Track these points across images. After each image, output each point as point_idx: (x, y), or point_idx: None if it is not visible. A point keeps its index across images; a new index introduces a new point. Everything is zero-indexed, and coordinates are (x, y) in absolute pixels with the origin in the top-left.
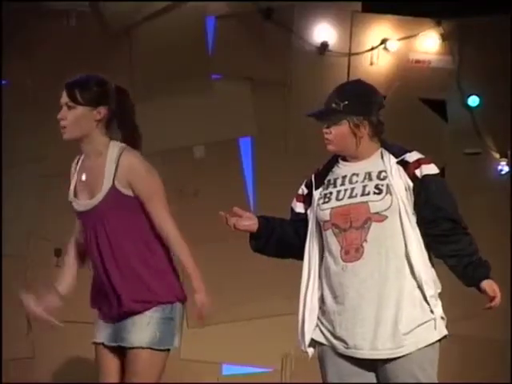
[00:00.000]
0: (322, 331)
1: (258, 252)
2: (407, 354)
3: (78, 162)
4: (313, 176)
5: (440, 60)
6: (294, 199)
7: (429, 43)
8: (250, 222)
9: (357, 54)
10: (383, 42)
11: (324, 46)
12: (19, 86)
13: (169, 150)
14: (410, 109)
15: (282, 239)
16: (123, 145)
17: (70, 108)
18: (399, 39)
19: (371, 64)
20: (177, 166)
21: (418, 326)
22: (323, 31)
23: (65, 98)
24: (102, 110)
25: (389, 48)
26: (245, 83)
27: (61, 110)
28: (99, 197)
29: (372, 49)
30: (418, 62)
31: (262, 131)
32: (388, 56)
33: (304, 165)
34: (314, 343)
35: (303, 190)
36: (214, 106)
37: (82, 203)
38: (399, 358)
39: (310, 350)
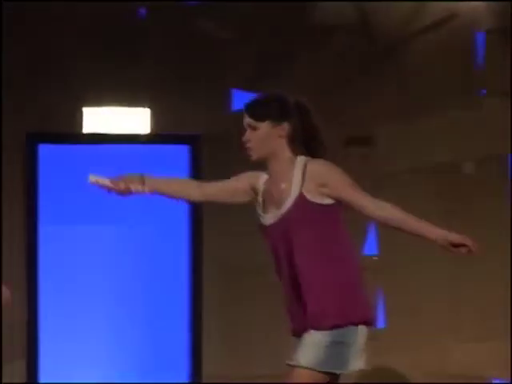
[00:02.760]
0: None
1: None
2: None
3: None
4: None
5: None
6: None
7: None
8: None
9: None
10: None
11: None
12: None
13: (435, 165)
14: None
15: None
16: (308, 158)
17: (254, 129)
18: None
19: None
20: (444, 183)
21: None
22: None
23: (247, 119)
24: (286, 126)
25: None
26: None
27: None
28: (287, 204)
29: None
30: None
31: None
32: None
33: None
34: None
35: None
36: (482, 121)
37: (269, 216)
38: None
39: None
